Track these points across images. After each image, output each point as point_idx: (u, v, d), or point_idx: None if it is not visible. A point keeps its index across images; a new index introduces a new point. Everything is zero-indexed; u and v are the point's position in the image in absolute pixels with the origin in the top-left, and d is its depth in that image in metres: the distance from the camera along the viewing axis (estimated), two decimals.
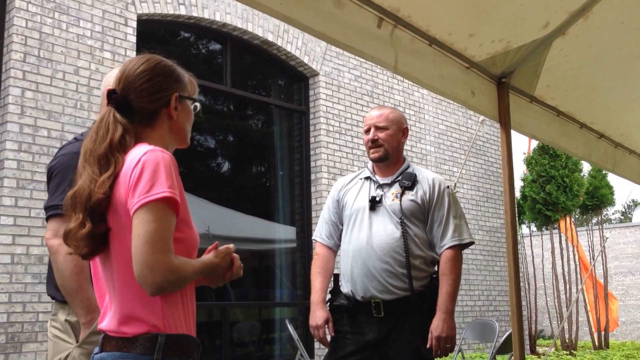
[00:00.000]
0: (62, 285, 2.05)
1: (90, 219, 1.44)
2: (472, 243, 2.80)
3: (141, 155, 1.44)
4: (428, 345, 2.61)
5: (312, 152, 7.47)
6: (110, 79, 2.34)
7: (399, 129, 2.86)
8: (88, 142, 1.52)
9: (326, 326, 2.77)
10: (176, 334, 1.46)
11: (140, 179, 1.41)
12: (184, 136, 1.64)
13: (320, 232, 2.97)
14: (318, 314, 2.78)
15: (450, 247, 2.72)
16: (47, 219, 2.13)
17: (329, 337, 2.81)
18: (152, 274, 1.36)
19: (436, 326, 2.62)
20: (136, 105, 1.54)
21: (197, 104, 1.65)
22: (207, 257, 1.53)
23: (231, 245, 1.59)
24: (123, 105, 1.54)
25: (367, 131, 2.86)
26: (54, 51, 5.30)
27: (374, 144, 2.82)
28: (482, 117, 7.44)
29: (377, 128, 2.82)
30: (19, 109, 5.04)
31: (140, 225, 1.38)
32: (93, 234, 1.44)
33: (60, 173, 2.15)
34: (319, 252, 2.94)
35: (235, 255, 1.58)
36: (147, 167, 1.42)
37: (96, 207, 1.43)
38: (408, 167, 2.88)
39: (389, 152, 2.82)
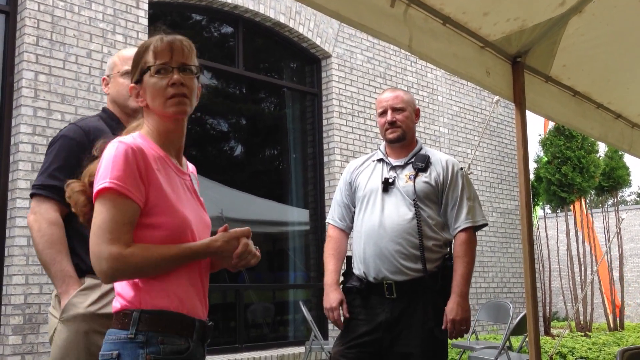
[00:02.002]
0: (39, 259, 2.13)
1: (90, 189, 1.55)
2: (485, 225, 2.80)
3: None
4: (443, 327, 2.61)
5: (325, 135, 7.44)
6: (116, 59, 2.38)
7: (412, 110, 2.89)
8: None
9: (340, 308, 2.77)
10: (153, 310, 1.48)
11: (97, 171, 1.51)
12: (158, 112, 1.59)
13: (332, 215, 2.98)
14: (332, 296, 2.78)
15: (464, 229, 2.72)
16: (30, 195, 2.19)
17: (343, 319, 2.82)
18: (99, 264, 1.43)
19: (451, 309, 2.62)
20: None
21: (152, 69, 1.58)
22: (204, 240, 1.54)
23: (240, 230, 1.57)
24: None
25: (383, 113, 2.85)
26: (67, 34, 5.30)
27: (391, 125, 2.82)
28: (496, 98, 7.37)
29: (394, 109, 2.83)
30: (33, 92, 5.06)
31: (94, 218, 1.47)
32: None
33: (52, 152, 2.21)
34: (331, 234, 2.95)
35: (245, 241, 1.56)
36: (101, 160, 1.51)
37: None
38: (421, 149, 2.88)
39: (406, 132, 2.83)
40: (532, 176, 10.82)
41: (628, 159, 15.09)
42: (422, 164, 2.78)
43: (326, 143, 7.43)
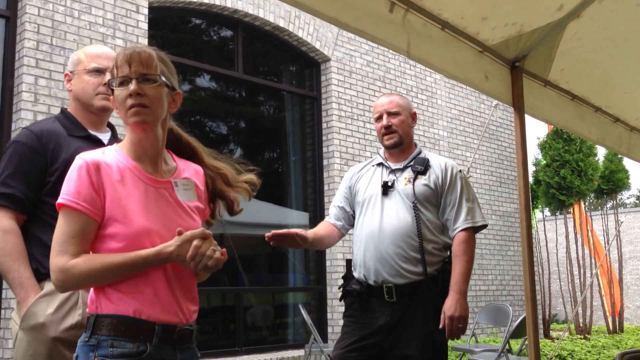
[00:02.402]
0: None
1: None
2: (485, 226, 2.81)
3: None
4: (440, 325, 2.61)
5: (324, 138, 7.46)
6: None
7: (409, 114, 2.91)
8: None
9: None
10: (107, 315, 1.55)
11: None
12: (124, 122, 1.65)
13: (330, 216, 3.00)
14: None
15: (463, 230, 2.73)
16: None
17: (343, 323, 2.82)
18: (51, 275, 1.55)
19: (449, 306, 2.62)
20: None
21: (115, 82, 1.63)
22: (157, 247, 1.56)
23: (190, 233, 1.57)
24: None
25: (379, 118, 2.88)
26: (67, 39, 5.32)
27: (387, 130, 2.84)
28: (495, 102, 7.39)
29: (389, 114, 2.85)
30: (33, 96, 5.08)
31: None
32: None
33: (5, 159, 2.15)
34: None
35: (196, 243, 1.56)
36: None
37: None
38: (420, 152, 2.89)
39: (403, 137, 2.85)
40: (531, 179, 10.83)
41: (627, 162, 15.11)
42: (422, 167, 2.80)
43: (325, 146, 7.45)
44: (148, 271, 1.57)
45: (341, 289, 2.88)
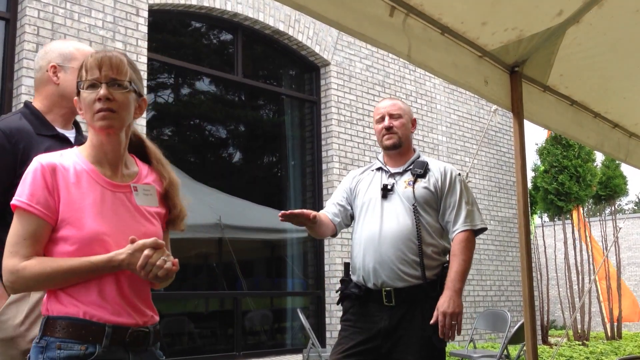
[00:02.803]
0: None
1: None
2: (484, 229, 2.80)
3: None
4: (432, 321, 2.59)
5: (323, 142, 7.46)
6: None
7: (409, 119, 2.94)
8: None
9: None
10: (56, 316, 1.56)
11: None
12: (89, 124, 1.66)
13: (327, 211, 2.94)
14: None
15: (462, 231, 2.73)
16: None
17: (340, 327, 2.82)
18: (3, 275, 1.56)
19: (443, 302, 2.60)
20: None
21: (84, 84, 1.64)
22: (109, 254, 1.56)
23: (142, 242, 1.57)
24: None
25: (380, 120, 2.90)
26: None
27: (388, 131, 2.86)
28: (494, 107, 7.39)
29: (391, 116, 2.87)
30: (32, 99, 5.07)
31: None
32: None
33: None
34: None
35: (146, 252, 1.55)
36: None
37: None
38: (419, 156, 2.91)
39: (402, 139, 2.87)
40: (529, 185, 10.84)
41: (625, 168, 15.12)
42: (421, 170, 2.81)
43: (325, 150, 7.45)
44: (98, 276, 1.58)
45: (339, 292, 2.87)
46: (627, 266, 16.36)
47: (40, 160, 1.59)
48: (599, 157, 10.76)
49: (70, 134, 2.19)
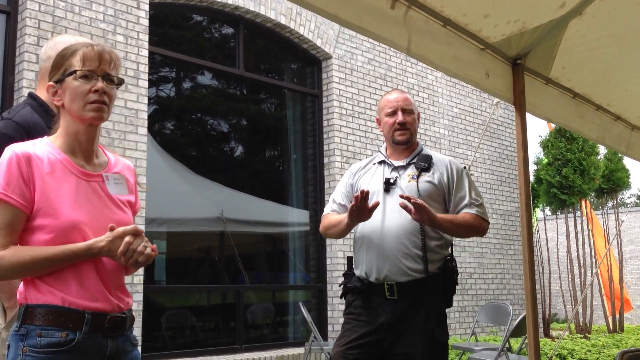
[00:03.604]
0: None
1: None
2: (488, 222, 2.80)
3: None
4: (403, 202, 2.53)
5: (325, 136, 7.45)
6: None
7: (417, 115, 2.94)
8: None
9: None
10: (35, 304, 1.58)
11: None
12: (75, 114, 1.67)
13: (332, 209, 2.94)
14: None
15: (471, 213, 2.73)
16: None
17: (343, 320, 2.82)
18: None
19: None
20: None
21: (77, 73, 1.66)
22: (89, 241, 1.60)
23: (123, 229, 1.62)
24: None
25: (392, 114, 2.84)
26: (67, 35, 5.31)
27: (402, 126, 2.83)
28: (496, 100, 7.37)
29: (405, 111, 2.85)
30: None
31: None
32: None
33: None
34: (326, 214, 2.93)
35: (127, 239, 1.60)
36: None
37: None
38: (422, 150, 2.89)
39: (413, 135, 2.88)
40: (532, 178, 10.81)
41: (627, 161, 15.08)
42: (425, 164, 2.79)
43: (326, 144, 7.44)
44: (77, 264, 1.61)
45: (342, 286, 2.87)
46: (629, 259, 16.35)
47: (14, 150, 1.60)
48: (602, 150, 10.73)
49: None
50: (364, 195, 2.51)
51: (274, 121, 7.82)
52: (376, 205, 2.55)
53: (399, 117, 2.82)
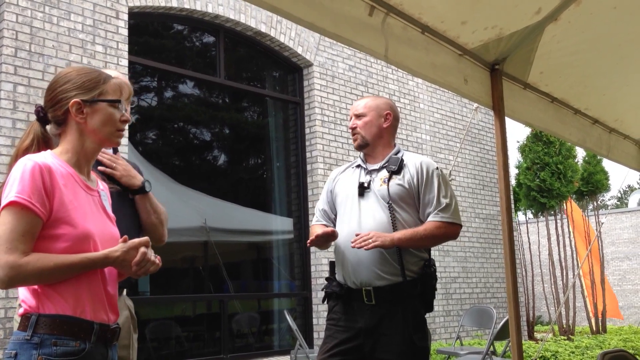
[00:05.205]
0: None
1: None
2: (458, 226, 2.75)
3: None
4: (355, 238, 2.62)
5: (307, 143, 7.45)
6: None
7: (378, 115, 2.85)
8: None
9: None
10: (50, 314, 1.62)
11: (5, 186, 1.65)
12: (102, 136, 1.78)
13: (318, 219, 2.97)
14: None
15: (434, 220, 2.71)
16: None
17: (326, 326, 2.82)
18: None
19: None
20: (50, 116, 1.78)
21: (119, 104, 1.79)
22: (104, 251, 1.68)
23: (137, 240, 1.70)
24: (41, 116, 1.79)
25: (350, 120, 2.93)
26: (45, 45, 5.27)
27: (352, 131, 2.89)
28: (476, 105, 7.43)
29: (356, 116, 2.89)
30: (12, 104, 5.02)
31: None
32: None
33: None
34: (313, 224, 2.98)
35: (143, 250, 1.69)
36: (10, 175, 1.65)
37: None
38: (397, 152, 2.87)
39: (366, 138, 2.84)
40: (513, 182, 10.90)
41: (607, 164, 15.29)
42: (395, 167, 2.79)
43: (309, 151, 7.44)
44: (88, 272, 1.68)
45: (323, 290, 2.87)
46: (610, 261, 16.53)
47: (35, 160, 1.65)
48: (580, 154, 10.86)
49: None
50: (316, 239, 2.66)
51: (256, 129, 7.82)
52: (328, 233, 2.67)
53: (350, 122, 2.89)
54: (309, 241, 2.71)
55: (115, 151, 2.37)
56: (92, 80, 1.78)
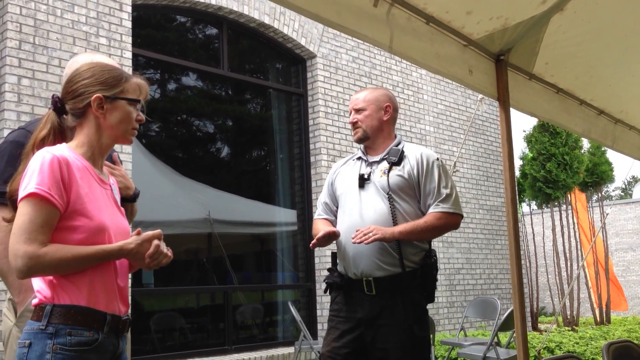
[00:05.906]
0: None
1: (13, 208, 1.73)
2: (459, 216, 2.77)
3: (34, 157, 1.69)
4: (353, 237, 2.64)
5: (311, 135, 7.45)
6: (73, 65, 2.24)
7: (378, 108, 2.87)
8: None
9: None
10: (64, 304, 1.65)
11: (23, 177, 1.67)
12: (118, 133, 1.81)
13: (318, 213, 3.01)
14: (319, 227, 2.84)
15: (435, 211, 2.72)
16: None
17: (329, 316, 2.83)
18: (14, 261, 1.61)
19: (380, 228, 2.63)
20: (68, 107, 1.80)
21: (139, 105, 1.84)
22: (118, 243, 1.71)
23: (151, 233, 1.74)
24: (58, 107, 1.81)
25: (350, 114, 2.93)
26: (49, 38, 5.27)
27: (353, 125, 2.90)
28: (480, 96, 7.41)
29: (356, 110, 2.89)
30: (16, 96, 5.02)
31: (15, 219, 1.65)
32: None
33: (4, 158, 2.13)
34: (316, 219, 3.00)
35: (156, 242, 1.74)
36: (29, 167, 1.67)
37: (11, 198, 1.74)
38: (398, 143, 2.87)
39: (367, 132, 2.86)
40: (518, 173, 10.88)
41: (611, 155, 15.28)
42: (395, 158, 2.79)
43: (312, 143, 7.44)
44: (101, 264, 1.71)
45: (324, 281, 2.90)
46: (614, 252, 16.51)
47: (54, 152, 1.68)
48: (585, 144, 10.82)
49: None
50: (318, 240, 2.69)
51: (259, 121, 7.81)
52: (330, 233, 2.70)
53: (350, 117, 2.90)
54: (311, 244, 2.73)
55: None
56: (115, 77, 1.81)
